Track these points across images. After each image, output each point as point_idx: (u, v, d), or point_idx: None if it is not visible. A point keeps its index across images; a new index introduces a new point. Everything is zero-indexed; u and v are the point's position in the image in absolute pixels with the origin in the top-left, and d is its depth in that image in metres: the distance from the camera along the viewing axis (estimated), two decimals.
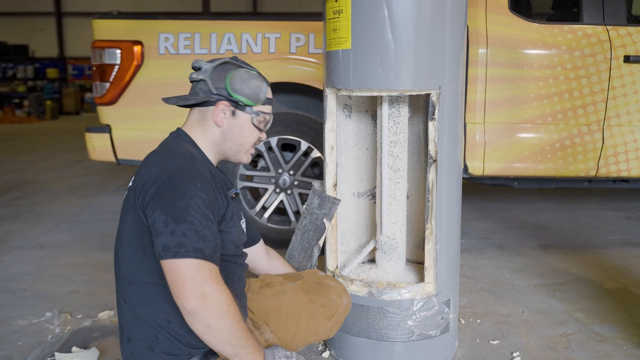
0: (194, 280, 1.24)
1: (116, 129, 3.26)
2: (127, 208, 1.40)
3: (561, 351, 2.09)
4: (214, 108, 1.51)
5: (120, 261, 1.43)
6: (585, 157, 3.08)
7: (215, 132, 1.53)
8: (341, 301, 1.78)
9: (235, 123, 1.54)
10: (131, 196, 1.39)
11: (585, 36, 3.00)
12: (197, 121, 1.54)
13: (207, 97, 1.50)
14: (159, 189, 1.31)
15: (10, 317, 2.42)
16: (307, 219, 2.04)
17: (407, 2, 1.69)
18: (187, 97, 1.53)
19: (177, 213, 1.28)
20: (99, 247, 3.42)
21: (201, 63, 1.51)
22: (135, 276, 1.40)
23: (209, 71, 1.50)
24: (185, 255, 1.25)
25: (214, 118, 1.51)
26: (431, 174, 1.84)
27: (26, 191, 5.17)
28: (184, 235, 1.26)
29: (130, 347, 1.42)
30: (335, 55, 1.83)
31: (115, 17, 3.32)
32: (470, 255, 3.22)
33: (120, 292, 1.44)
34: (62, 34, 17.30)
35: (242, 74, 1.51)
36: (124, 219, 1.42)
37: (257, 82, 1.53)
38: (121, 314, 1.45)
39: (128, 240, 1.40)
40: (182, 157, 1.39)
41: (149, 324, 1.39)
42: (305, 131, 3.17)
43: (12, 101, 15.33)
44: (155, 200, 1.31)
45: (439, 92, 1.78)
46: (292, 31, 3.14)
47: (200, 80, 1.51)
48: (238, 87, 1.50)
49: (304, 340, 1.73)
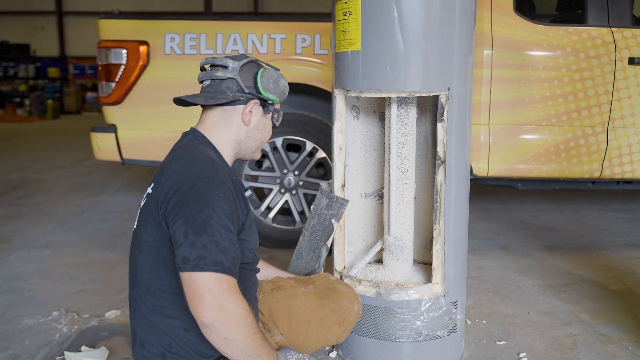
0: (211, 294, 1.24)
1: (122, 128, 3.27)
2: (149, 217, 1.38)
3: (567, 352, 2.10)
4: (243, 107, 1.50)
5: (138, 269, 1.42)
6: (589, 159, 3.09)
7: (241, 131, 1.52)
8: (352, 307, 1.77)
9: (261, 121, 1.55)
10: (152, 205, 1.37)
11: (590, 38, 3.01)
12: (219, 121, 1.50)
13: (237, 96, 1.48)
14: (180, 199, 1.30)
15: (18, 316, 2.43)
16: (315, 219, 2.04)
17: (416, 4, 1.70)
18: (215, 96, 1.48)
19: (198, 225, 1.27)
20: (103, 247, 3.43)
21: (226, 61, 1.48)
22: (154, 285, 1.39)
23: (236, 69, 1.47)
24: (204, 269, 1.24)
25: (243, 117, 1.50)
26: (439, 175, 1.85)
27: (30, 190, 5.18)
28: (204, 248, 1.25)
29: (143, 352, 1.43)
30: (344, 56, 1.84)
31: (121, 17, 3.33)
32: (475, 256, 3.23)
33: (136, 298, 1.43)
34: (63, 33, 17.31)
35: (272, 73, 1.53)
36: (144, 228, 1.39)
37: (284, 81, 1.56)
38: (135, 319, 1.44)
39: (148, 250, 1.38)
40: (204, 165, 1.36)
41: (164, 332, 1.39)
42: (310, 131, 3.18)
43: (13, 100, 15.35)
44: (177, 211, 1.30)
45: (447, 93, 1.79)
46: (297, 32, 3.14)
47: (227, 79, 1.48)
48: (271, 86, 1.51)
49: (313, 344, 1.73)
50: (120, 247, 3.42)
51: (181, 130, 1.57)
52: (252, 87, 1.50)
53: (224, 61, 1.48)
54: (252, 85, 1.50)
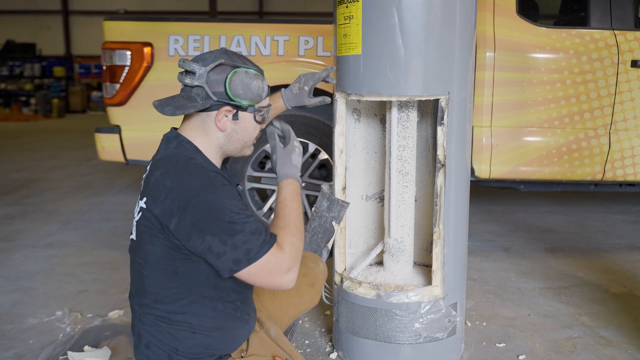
0: (272, 275, 1.35)
1: (126, 129, 3.29)
2: (153, 231, 1.38)
3: (567, 354, 2.11)
4: (215, 114, 1.44)
5: (145, 279, 1.43)
6: (591, 161, 3.09)
7: (219, 136, 1.48)
8: (318, 267, 1.87)
9: (239, 125, 1.48)
10: (152, 220, 1.37)
11: (592, 41, 3.01)
12: (198, 127, 1.47)
13: (207, 104, 1.42)
14: (197, 217, 1.32)
15: (22, 315, 2.45)
16: (316, 221, 2.06)
17: (417, 9, 1.72)
18: (184, 104, 1.43)
19: (227, 229, 1.32)
20: (107, 246, 3.46)
21: (193, 66, 1.41)
22: (163, 295, 1.42)
23: (204, 76, 1.40)
24: (257, 257, 1.33)
25: (217, 124, 1.45)
26: (439, 178, 1.86)
27: (35, 190, 5.21)
28: (245, 243, 1.32)
29: (148, 353, 1.45)
30: (345, 60, 1.85)
31: (126, 18, 3.35)
32: (477, 258, 3.24)
33: (143, 306, 1.45)
34: (69, 32, 17.36)
35: (242, 76, 1.42)
36: (149, 242, 1.39)
37: (257, 82, 1.45)
38: (141, 323, 1.46)
39: (157, 262, 1.40)
40: (199, 176, 1.36)
41: (172, 335, 1.42)
42: (312, 133, 3.19)
43: (19, 99, 15.41)
44: (200, 228, 1.32)
45: (448, 97, 1.80)
46: (300, 34, 3.16)
47: (196, 86, 1.42)
48: (240, 92, 1.42)
49: (294, 311, 1.82)
50: (124, 247, 3.44)
51: None
52: (222, 93, 1.42)
53: (191, 66, 1.41)
54: (222, 90, 1.42)
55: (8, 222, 4.04)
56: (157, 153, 1.49)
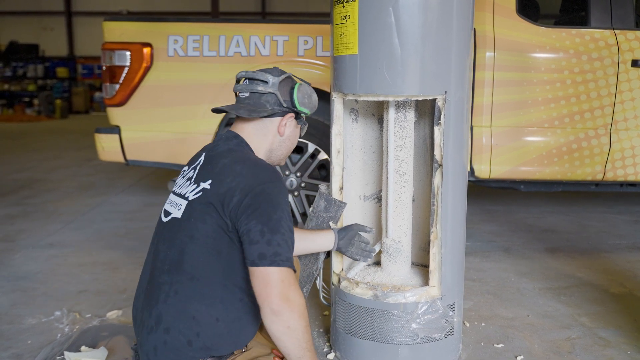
0: (283, 285, 1.40)
1: (125, 130, 3.29)
2: (208, 209, 1.48)
3: (565, 355, 2.10)
4: (280, 119, 1.67)
5: (185, 256, 1.50)
6: (592, 161, 3.08)
7: (275, 141, 1.69)
8: None
9: (293, 132, 1.73)
10: (212, 198, 1.48)
11: (592, 40, 3.00)
12: (257, 130, 1.66)
13: (276, 110, 1.64)
14: (253, 200, 1.44)
15: (21, 315, 2.46)
16: (314, 221, 2.06)
17: (414, 9, 1.71)
18: (256, 108, 1.63)
19: (272, 224, 1.42)
20: (108, 247, 3.46)
21: (266, 76, 1.63)
22: (200, 273, 1.49)
23: (276, 85, 1.63)
24: (280, 264, 1.41)
25: (279, 128, 1.67)
26: (436, 178, 1.86)
27: (36, 190, 5.23)
28: (278, 246, 1.41)
29: (166, 338, 1.48)
30: (342, 60, 1.85)
31: (125, 19, 3.36)
32: (476, 258, 3.23)
33: (173, 284, 1.50)
34: (72, 33, 17.42)
35: (306, 88, 1.70)
36: (200, 219, 1.49)
37: (315, 95, 1.74)
38: (165, 304, 1.49)
39: (204, 239, 1.48)
40: (269, 171, 1.52)
41: (196, 320, 1.47)
42: (312, 133, 3.19)
43: (22, 100, 15.46)
44: (251, 211, 1.43)
45: (444, 97, 1.80)
46: (300, 34, 3.16)
47: (267, 93, 1.63)
48: (305, 100, 1.69)
49: None
50: (124, 247, 3.45)
51: (184, 132, 1.64)
52: (289, 101, 1.67)
53: (264, 76, 1.63)
54: (289, 99, 1.67)
55: (9, 222, 4.05)
56: (215, 147, 1.64)
